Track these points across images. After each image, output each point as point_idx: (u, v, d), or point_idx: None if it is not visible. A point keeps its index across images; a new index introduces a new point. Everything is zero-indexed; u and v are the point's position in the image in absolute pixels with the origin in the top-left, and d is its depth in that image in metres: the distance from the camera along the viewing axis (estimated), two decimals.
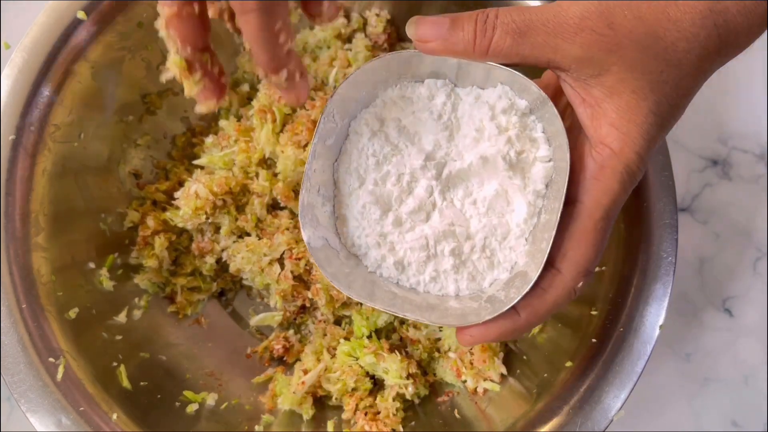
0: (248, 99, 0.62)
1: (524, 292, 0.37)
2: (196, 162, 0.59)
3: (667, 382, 0.64)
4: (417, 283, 0.42)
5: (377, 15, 0.62)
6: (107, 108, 0.56)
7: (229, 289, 0.62)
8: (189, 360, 0.57)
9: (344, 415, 0.55)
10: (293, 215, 0.59)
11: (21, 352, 0.47)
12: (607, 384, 0.47)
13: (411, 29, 0.38)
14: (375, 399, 0.55)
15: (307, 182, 0.41)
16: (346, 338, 0.57)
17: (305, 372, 0.55)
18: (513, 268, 0.41)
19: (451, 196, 0.41)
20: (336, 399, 0.56)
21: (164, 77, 0.37)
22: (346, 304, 0.57)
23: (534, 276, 0.37)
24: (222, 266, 0.60)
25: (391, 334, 0.58)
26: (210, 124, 0.64)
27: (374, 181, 0.41)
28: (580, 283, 0.37)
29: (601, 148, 0.36)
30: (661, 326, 0.48)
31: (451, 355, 0.56)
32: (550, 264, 0.38)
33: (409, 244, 0.41)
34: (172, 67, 0.37)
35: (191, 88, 0.37)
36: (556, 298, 0.37)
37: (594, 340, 0.49)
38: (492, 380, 0.54)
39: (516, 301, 0.37)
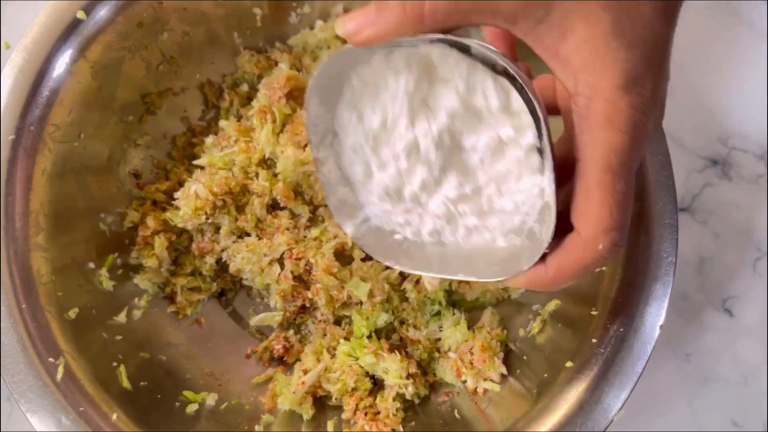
0: (248, 99, 0.63)
1: (551, 232, 0.36)
2: (196, 162, 0.59)
3: (667, 382, 0.64)
4: (456, 240, 0.44)
5: None
6: (107, 108, 0.56)
7: (229, 289, 0.62)
8: (189, 360, 0.57)
9: (344, 415, 0.55)
10: (293, 215, 0.59)
11: (21, 352, 0.47)
12: (607, 384, 0.47)
13: (340, 29, 0.36)
14: (375, 399, 0.55)
15: (328, 187, 0.43)
16: (346, 338, 0.57)
17: (305, 372, 0.55)
18: (541, 193, 0.39)
19: (450, 156, 0.40)
20: (336, 399, 0.56)
21: None
22: (346, 304, 0.57)
23: (552, 221, 0.36)
24: (222, 266, 0.60)
25: (391, 334, 0.58)
26: (210, 124, 0.64)
27: (378, 167, 0.42)
28: (601, 245, 0.35)
29: (577, 99, 0.33)
30: (661, 326, 0.48)
31: (451, 355, 0.56)
32: (571, 226, 0.36)
33: (434, 212, 0.42)
34: None
35: None
36: (580, 259, 0.36)
37: (594, 340, 0.49)
38: (492, 380, 0.54)
39: (546, 245, 0.37)
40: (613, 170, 0.33)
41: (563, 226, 0.37)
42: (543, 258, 0.38)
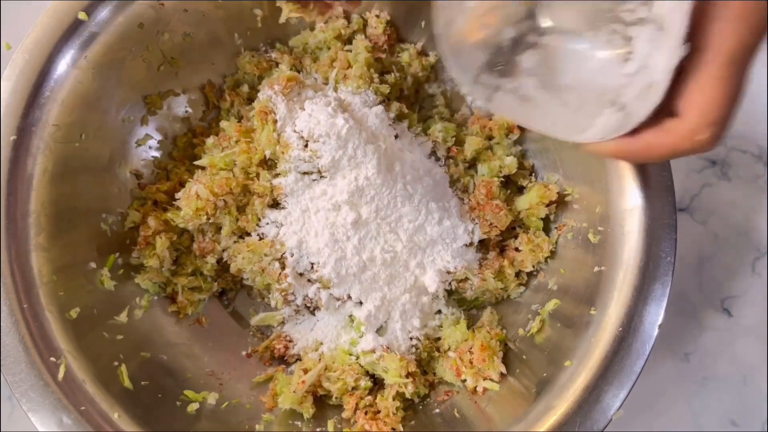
0: (249, 100, 0.63)
1: (650, 110, 0.37)
2: (197, 162, 0.59)
3: (666, 382, 0.64)
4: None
5: (377, 16, 0.63)
6: (108, 108, 0.56)
7: (229, 288, 0.62)
8: (190, 359, 0.57)
9: (344, 414, 0.55)
10: None
11: (22, 351, 0.47)
12: (606, 383, 0.47)
13: None
14: (375, 398, 0.55)
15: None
16: None
17: (305, 371, 0.55)
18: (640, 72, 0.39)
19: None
20: (336, 398, 0.56)
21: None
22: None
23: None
24: (223, 266, 0.60)
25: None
26: (211, 124, 0.64)
27: None
28: (702, 136, 0.35)
29: None
30: (660, 326, 0.48)
31: (451, 354, 0.56)
32: (672, 111, 0.37)
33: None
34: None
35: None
36: (675, 144, 0.37)
37: (593, 340, 0.49)
38: (491, 379, 0.54)
39: (641, 119, 0.37)
40: (737, 64, 0.33)
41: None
42: (632, 132, 0.38)
